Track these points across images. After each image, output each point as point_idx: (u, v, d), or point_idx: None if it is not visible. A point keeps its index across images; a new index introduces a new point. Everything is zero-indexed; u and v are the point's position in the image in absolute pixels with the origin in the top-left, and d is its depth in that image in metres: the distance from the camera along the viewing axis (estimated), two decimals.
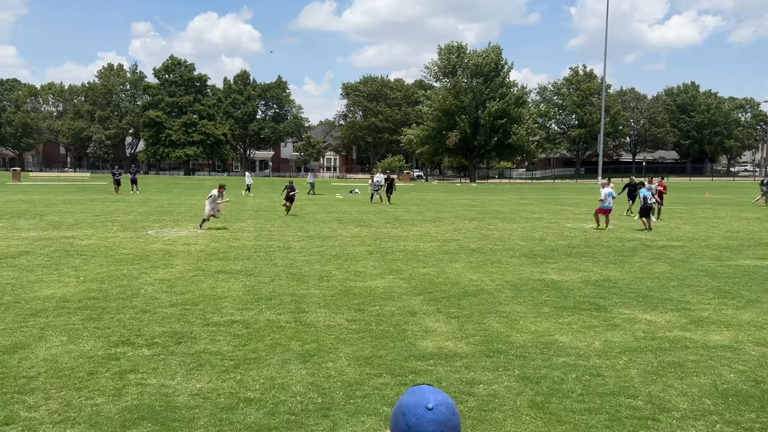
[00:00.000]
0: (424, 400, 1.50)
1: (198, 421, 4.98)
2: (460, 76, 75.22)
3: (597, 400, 5.50)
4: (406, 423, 1.49)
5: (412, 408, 1.49)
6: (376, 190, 32.44)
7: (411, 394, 1.53)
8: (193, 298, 9.33)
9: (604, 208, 19.69)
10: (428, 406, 1.49)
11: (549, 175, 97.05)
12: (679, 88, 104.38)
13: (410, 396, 1.53)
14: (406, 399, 1.53)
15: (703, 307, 9.07)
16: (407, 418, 1.49)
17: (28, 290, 9.69)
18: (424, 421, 1.47)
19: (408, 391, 1.55)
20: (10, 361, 6.33)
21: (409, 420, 1.48)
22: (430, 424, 1.47)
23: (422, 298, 9.52)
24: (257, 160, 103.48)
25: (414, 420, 1.48)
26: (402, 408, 1.51)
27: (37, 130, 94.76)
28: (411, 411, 1.49)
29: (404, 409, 1.51)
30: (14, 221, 20.03)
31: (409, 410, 1.50)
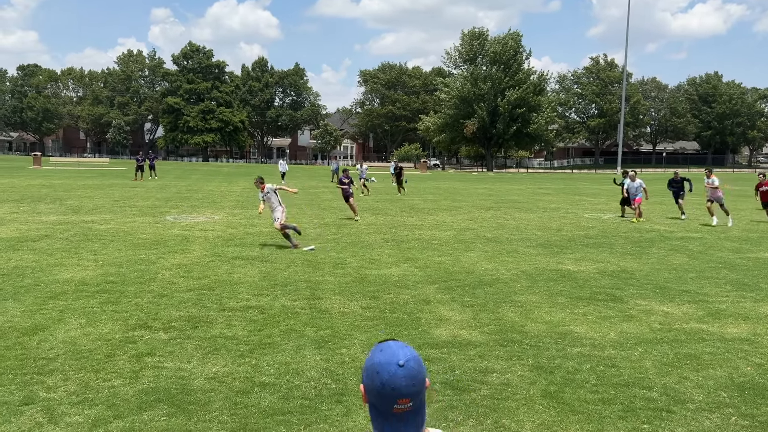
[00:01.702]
0: (395, 358, 1.63)
1: (213, 404, 5.04)
2: (479, 63, 74.66)
3: (611, 390, 5.48)
4: (380, 380, 1.61)
5: (384, 366, 1.62)
6: (365, 179, 30.85)
7: (382, 352, 1.65)
8: (210, 283, 9.41)
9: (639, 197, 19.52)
10: (399, 363, 1.62)
11: (567, 165, 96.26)
12: (701, 77, 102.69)
13: (382, 354, 1.65)
14: (378, 357, 1.65)
15: (721, 300, 8.97)
16: (381, 375, 1.61)
17: (48, 273, 9.83)
18: (397, 377, 1.61)
19: (377, 349, 1.67)
20: (29, 343, 6.44)
21: (383, 377, 1.61)
22: (403, 379, 1.61)
23: (437, 286, 9.52)
24: (274, 148, 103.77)
25: (387, 377, 1.61)
26: (375, 366, 1.63)
27: (57, 115, 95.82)
28: (384, 368, 1.62)
29: (377, 367, 1.63)
30: (35, 205, 20.31)
31: (383, 368, 1.62)
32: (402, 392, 1.60)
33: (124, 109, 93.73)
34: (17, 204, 20.61)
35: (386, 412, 1.63)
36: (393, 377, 1.60)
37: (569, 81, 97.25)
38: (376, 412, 1.65)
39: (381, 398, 1.62)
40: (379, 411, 1.64)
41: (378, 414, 1.64)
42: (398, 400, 1.61)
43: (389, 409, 1.62)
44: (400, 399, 1.61)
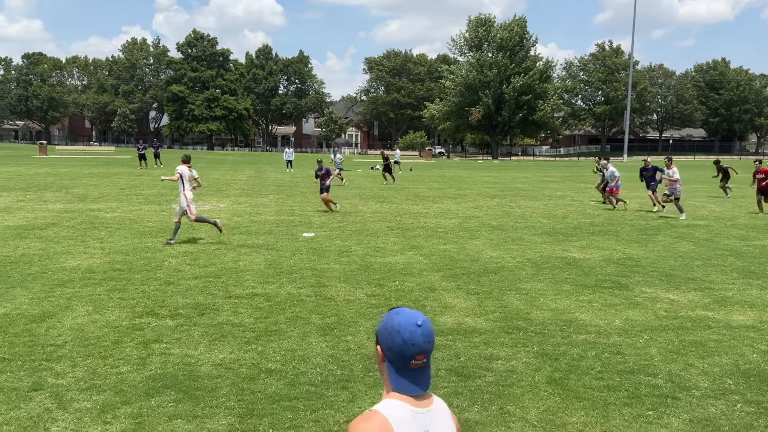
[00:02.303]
0: (414, 319, 1.82)
1: (220, 391, 5.08)
2: (485, 50, 74.20)
3: (616, 377, 5.49)
4: (401, 338, 1.80)
5: (405, 326, 1.81)
6: (340, 169, 29.48)
7: (399, 315, 1.84)
8: (216, 271, 9.45)
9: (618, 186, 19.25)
10: (418, 323, 1.81)
11: (573, 152, 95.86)
12: (708, 64, 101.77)
13: (400, 316, 1.83)
14: (397, 319, 1.83)
15: (727, 287, 8.96)
16: (402, 334, 1.80)
17: (55, 261, 9.89)
18: (416, 335, 1.80)
19: (394, 312, 1.85)
20: (38, 330, 6.49)
21: (404, 336, 1.80)
22: (421, 337, 1.81)
23: (442, 274, 9.53)
24: (279, 136, 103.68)
25: (408, 335, 1.80)
26: (396, 327, 1.81)
27: (62, 104, 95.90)
28: (404, 328, 1.80)
29: (398, 327, 1.81)
30: (41, 194, 20.39)
31: (403, 328, 1.80)
32: (421, 348, 1.80)
33: (128, 98, 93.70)
34: (24, 192, 20.70)
35: (404, 367, 1.82)
36: (413, 335, 1.79)
37: (575, 68, 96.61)
38: (394, 369, 1.83)
39: (401, 355, 1.80)
40: (398, 367, 1.82)
41: (396, 370, 1.83)
42: (416, 356, 1.81)
43: (407, 365, 1.81)
44: (417, 355, 1.81)
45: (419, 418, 1.82)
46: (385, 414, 1.78)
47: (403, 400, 1.82)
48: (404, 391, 1.82)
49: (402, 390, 1.83)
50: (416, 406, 1.83)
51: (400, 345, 1.79)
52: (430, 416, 1.85)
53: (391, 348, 1.81)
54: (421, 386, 1.84)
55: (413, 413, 1.81)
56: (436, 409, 1.89)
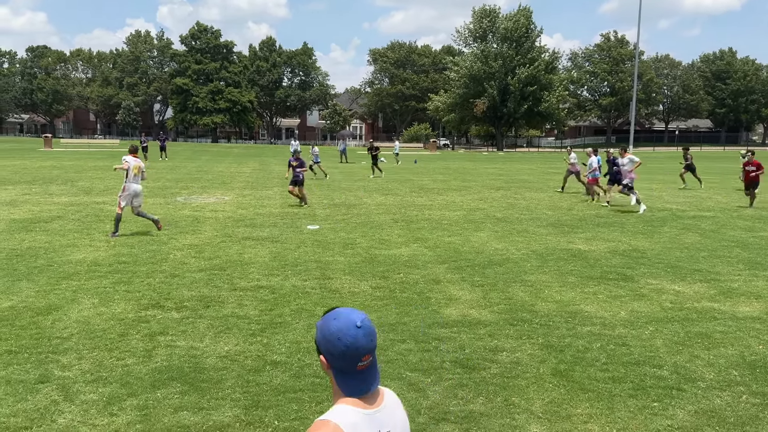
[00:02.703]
0: (352, 321, 1.75)
1: (226, 382, 5.09)
2: (490, 41, 73.86)
3: (621, 369, 5.49)
4: (343, 344, 1.74)
5: (344, 330, 1.74)
6: (317, 163, 28.20)
7: (337, 320, 1.77)
8: (221, 263, 9.47)
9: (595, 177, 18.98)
10: (357, 325, 1.75)
11: (579, 144, 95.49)
12: (715, 54, 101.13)
13: (338, 321, 1.77)
14: (335, 324, 1.76)
15: (733, 278, 8.93)
16: (343, 340, 1.74)
17: (61, 254, 9.93)
18: (359, 338, 1.74)
19: (331, 317, 1.79)
20: (44, 322, 6.52)
21: (346, 341, 1.74)
22: (364, 338, 1.75)
23: (447, 266, 9.53)
24: (283, 128, 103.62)
25: (351, 340, 1.74)
26: (335, 333, 1.75)
27: (67, 97, 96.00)
28: (344, 333, 1.74)
29: (337, 333, 1.74)
30: (46, 187, 20.45)
31: (343, 333, 1.74)
32: (365, 349, 1.75)
33: (133, 90, 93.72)
34: (29, 185, 20.76)
35: (351, 371, 1.77)
36: (355, 338, 1.73)
37: (581, 58, 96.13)
38: (341, 375, 1.78)
39: (346, 360, 1.75)
40: (345, 372, 1.77)
41: (343, 375, 1.77)
42: (362, 358, 1.75)
43: (354, 368, 1.76)
44: (363, 357, 1.75)
45: (372, 420, 1.79)
46: (337, 422, 1.72)
47: (353, 405, 1.77)
48: (355, 394, 1.78)
49: (353, 393, 1.78)
50: (368, 408, 1.79)
51: (343, 351, 1.73)
52: (382, 414, 1.82)
53: (334, 355, 1.75)
54: (371, 385, 1.80)
55: (366, 416, 1.77)
56: (388, 405, 1.86)
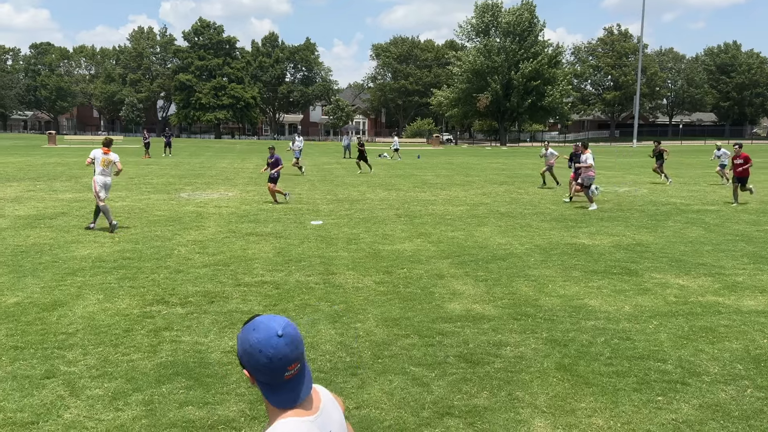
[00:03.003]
0: (272, 331, 1.64)
1: (230, 377, 5.11)
2: (493, 36, 73.64)
3: (625, 363, 5.48)
4: (266, 357, 1.62)
5: (264, 342, 1.63)
6: (297, 158, 27.37)
7: (256, 331, 1.65)
8: (225, 259, 9.49)
9: None
10: (279, 334, 1.63)
11: (582, 138, 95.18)
12: (719, 47, 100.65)
13: (256, 333, 1.65)
14: (255, 336, 1.64)
15: (738, 272, 8.91)
16: (265, 352, 1.62)
17: (66, 250, 9.96)
18: (281, 348, 1.63)
19: (250, 329, 1.67)
20: (49, 318, 6.55)
21: (268, 353, 1.62)
22: (287, 347, 1.64)
23: (450, 261, 9.53)
24: (286, 124, 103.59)
25: (273, 351, 1.62)
26: (255, 346, 1.63)
27: (70, 94, 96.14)
28: (265, 345, 1.63)
29: (258, 346, 1.63)
30: (51, 183, 20.51)
31: (263, 344, 1.63)
32: (290, 359, 1.64)
33: (136, 87, 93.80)
34: (34, 182, 20.82)
35: (279, 382, 1.66)
36: (277, 349, 1.62)
37: (584, 53, 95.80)
38: (269, 388, 1.67)
39: (272, 372, 1.64)
40: (272, 384, 1.66)
41: (271, 387, 1.67)
42: (288, 367, 1.64)
43: (282, 379, 1.66)
44: (289, 366, 1.64)
45: (314, 426, 1.70)
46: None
47: (295, 415, 1.68)
48: (287, 405, 1.68)
49: (284, 405, 1.68)
50: (307, 415, 1.70)
51: (267, 364, 1.62)
52: (324, 417, 1.75)
53: (258, 369, 1.64)
54: (302, 393, 1.70)
55: (307, 423, 1.69)
56: (326, 406, 1.79)
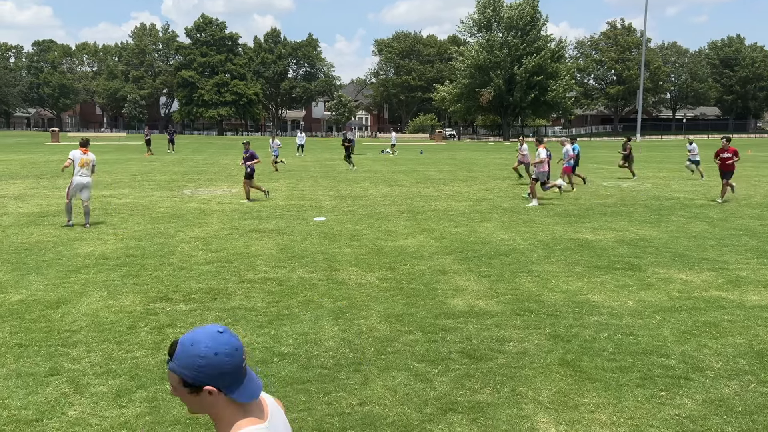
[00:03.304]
0: (212, 331, 1.63)
1: None
2: (495, 31, 73.44)
3: (629, 358, 5.48)
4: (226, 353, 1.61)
5: (216, 344, 1.61)
6: (276, 155, 26.45)
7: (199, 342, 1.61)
8: (228, 255, 9.50)
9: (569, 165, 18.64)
10: (219, 331, 1.64)
11: (586, 133, 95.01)
12: (723, 41, 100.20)
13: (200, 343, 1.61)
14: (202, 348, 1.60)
15: (741, 267, 8.89)
16: (223, 351, 1.61)
17: (69, 247, 9.98)
18: (231, 339, 1.63)
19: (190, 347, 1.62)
20: (53, 316, 6.57)
21: (225, 350, 1.61)
22: (233, 337, 1.64)
23: (453, 257, 9.53)
24: (289, 120, 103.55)
25: (227, 345, 1.62)
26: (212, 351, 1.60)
27: (73, 91, 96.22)
28: (218, 346, 1.61)
29: (214, 349, 1.60)
30: (54, 181, 20.53)
31: (218, 347, 1.61)
32: (241, 348, 1.66)
33: (139, 83, 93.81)
34: (37, 180, 20.86)
35: (241, 376, 1.66)
36: (230, 342, 1.63)
37: (587, 47, 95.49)
38: (235, 387, 1.65)
39: (236, 366, 1.63)
40: (238, 380, 1.65)
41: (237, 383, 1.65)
42: (243, 356, 1.66)
43: (243, 371, 1.66)
44: (244, 355, 1.66)
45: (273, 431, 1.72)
46: None
47: (250, 423, 1.67)
48: (255, 395, 1.68)
49: (253, 395, 1.67)
50: (261, 423, 1.69)
51: (229, 360, 1.62)
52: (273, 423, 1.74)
53: (224, 372, 1.62)
54: (258, 382, 1.71)
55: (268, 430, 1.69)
56: (273, 411, 1.77)
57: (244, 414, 1.69)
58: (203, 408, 1.67)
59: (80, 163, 11.81)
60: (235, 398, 1.65)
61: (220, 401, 1.65)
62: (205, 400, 1.64)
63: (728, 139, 16.52)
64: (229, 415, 1.67)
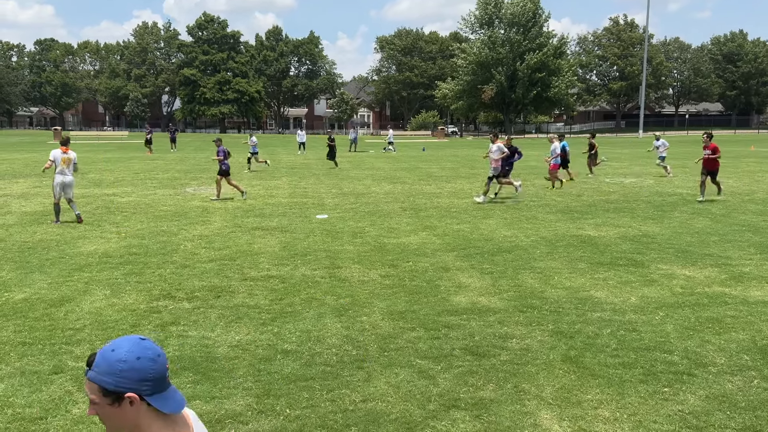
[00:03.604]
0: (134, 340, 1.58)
1: (237, 371, 5.13)
2: (497, 27, 73.34)
3: (632, 354, 5.48)
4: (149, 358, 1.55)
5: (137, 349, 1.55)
6: (254, 153, 26.14)
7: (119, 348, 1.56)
8: (231, 253, 9.51)
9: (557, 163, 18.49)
10: (141, 338, 1.59)
11: (588, 129, 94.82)
12: (725, 36, 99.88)
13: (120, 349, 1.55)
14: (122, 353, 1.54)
15: (744, 263, 8.87)
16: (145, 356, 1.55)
17: (72, 246, 10.00)
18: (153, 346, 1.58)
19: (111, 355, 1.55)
20: (57, 314, 6.59)
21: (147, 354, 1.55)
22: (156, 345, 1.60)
23: (456, 254, 9.53)
24: (291, 118, 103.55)
25: (151, 351, 1.57)
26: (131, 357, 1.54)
27: (75, 89, 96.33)
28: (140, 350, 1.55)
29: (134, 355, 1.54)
30: None
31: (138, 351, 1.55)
32: (165, 355, 1.61)
33: (141, 82, 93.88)
34: (40, 178, 20.88)
35: (165, 385, 1.59)
36: (153, 348, 1.58)
37: (590, 43, 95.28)
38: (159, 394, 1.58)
39: (159, 373, 1.57)
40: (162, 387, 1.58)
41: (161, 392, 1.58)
42: (166, 365, 1.61)
43: (166, 380, 1.60)
44: (167, 364, 1.61)
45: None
46: None
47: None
48: (179, 407, 1.60)
49: (178, 407, 1.59)
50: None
51: (152, 365, 1.55)
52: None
53: (147, 378, 1.54)
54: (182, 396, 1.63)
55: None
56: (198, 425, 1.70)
57: (171, 427, 1.60)
58: (125, 421, 1.56)
59: (62, 162, 11.97)
60: (159, 407, 1.56)
61: (143, 412, 1.56)
62: (126, 412, 1.54)
63: (709, 135, 15.70)
64: (154, 428, 1.58)
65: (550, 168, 18.56)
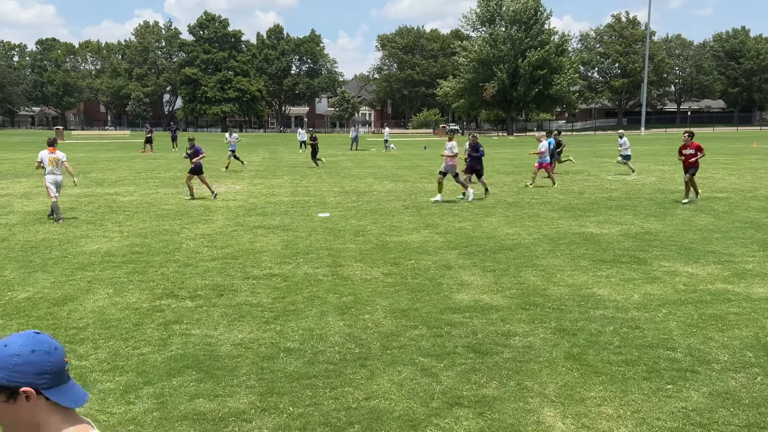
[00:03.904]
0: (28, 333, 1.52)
1: (240, 370, 5.14)
2: (498, 25, 73.27)
3: (635, 352, 5.47)
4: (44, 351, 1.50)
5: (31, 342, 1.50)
6: (232, 151, 25.44)
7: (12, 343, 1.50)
8: (233, 252, 9.52)
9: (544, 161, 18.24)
10: (36, 332, 1.53)
11: (590, 127, 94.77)
12: (727, 33, 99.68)
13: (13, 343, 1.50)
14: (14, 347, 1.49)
15: (747, 260, 8.86)
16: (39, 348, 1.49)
17: (75, 245, 10.01)
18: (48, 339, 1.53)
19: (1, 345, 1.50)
20: (60, 313, 6.60)
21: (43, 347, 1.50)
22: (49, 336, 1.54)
23: (458, 252, 9.52)
24: (292, 117, 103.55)
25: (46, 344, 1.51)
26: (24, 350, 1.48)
27: (77, 89, 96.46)
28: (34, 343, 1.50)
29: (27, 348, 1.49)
30: None
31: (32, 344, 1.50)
32: (62, 349, 1.56)
33: (142, 81, 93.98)
34: (41, 178, 20.88)
35: (64, 378, 1.54)
36: (48, 341, 1.52)
37: (591, 40, 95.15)
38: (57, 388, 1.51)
39: (57, 366, 1.51)
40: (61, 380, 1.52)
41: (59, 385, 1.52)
42: (64, 358, 1.55)
43: (65, 372, 1.54)
44: (65, 357, 1.55)
45: None
46: None
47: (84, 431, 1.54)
48: (80, 401, 1.53)
49: (79, 401, 1.53)
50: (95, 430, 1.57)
51: (48, 358, 1.49)
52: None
53: (44, 371, 1.48)
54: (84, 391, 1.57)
55: None
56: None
57: (71, 422, 1.53)
58: (21, 418, 1.48)
59: (49, 162, 12.20)
60: (58, 401, 1.50)
61: (41, 407, 1.49)
62: (23, 409, 1.47)
63: (691, 134, 15.29)
64: (54, 423, 1.50)
65: (545, 167, 18.45)
